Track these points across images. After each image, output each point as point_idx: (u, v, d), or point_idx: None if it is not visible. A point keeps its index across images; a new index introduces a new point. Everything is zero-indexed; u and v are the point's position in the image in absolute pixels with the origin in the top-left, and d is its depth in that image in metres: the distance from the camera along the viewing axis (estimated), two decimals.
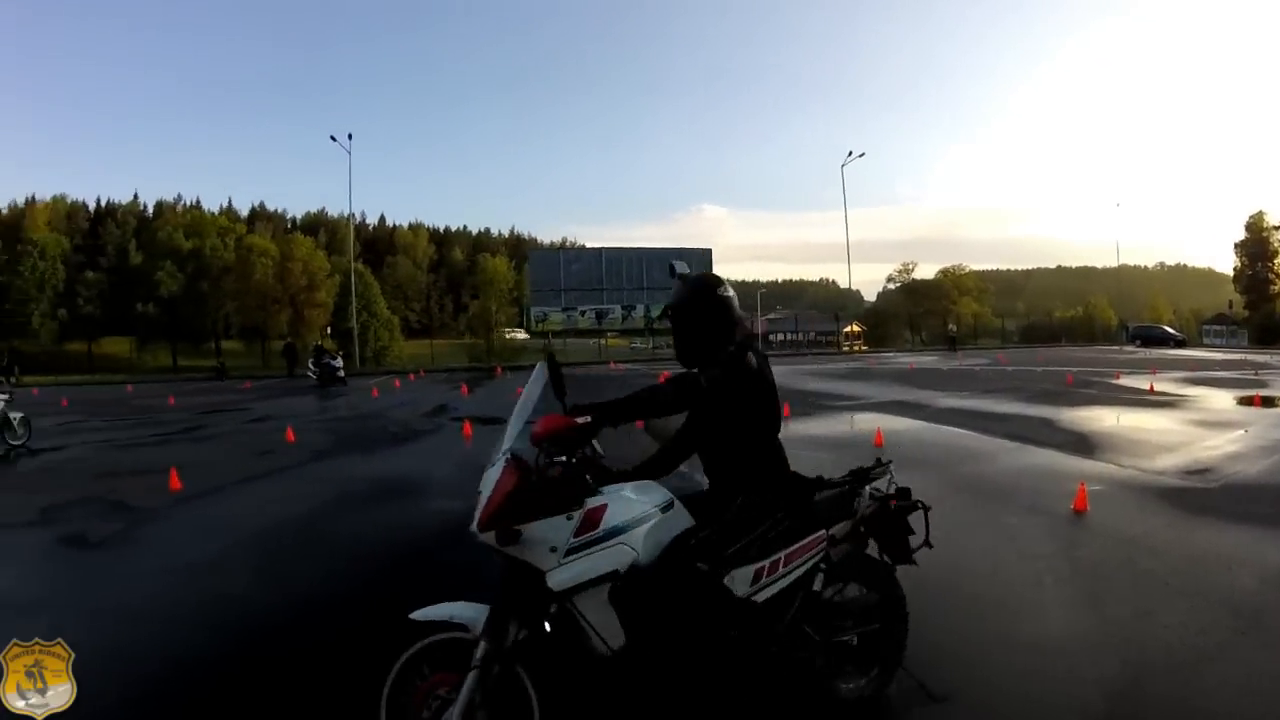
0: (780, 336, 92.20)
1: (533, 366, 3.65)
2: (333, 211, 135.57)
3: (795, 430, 12.98)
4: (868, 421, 13.73)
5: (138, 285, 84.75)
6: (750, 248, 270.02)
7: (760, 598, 3.13)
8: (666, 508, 3.13)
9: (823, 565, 3.30)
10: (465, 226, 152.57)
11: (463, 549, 6.38)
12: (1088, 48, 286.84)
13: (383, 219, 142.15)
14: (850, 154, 59.72)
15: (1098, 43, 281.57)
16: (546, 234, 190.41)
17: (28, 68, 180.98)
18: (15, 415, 14.53)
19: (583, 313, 51.75)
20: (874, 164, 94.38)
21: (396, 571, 6.15)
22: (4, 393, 14.67)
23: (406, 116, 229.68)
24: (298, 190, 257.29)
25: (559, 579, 2.82)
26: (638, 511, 3.04)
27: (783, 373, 28.74)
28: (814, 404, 16.61)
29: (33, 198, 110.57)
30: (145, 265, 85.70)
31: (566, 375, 3.33)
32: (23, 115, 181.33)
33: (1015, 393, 18.27)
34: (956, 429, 12.50)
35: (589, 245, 74.06)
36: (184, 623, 5.09)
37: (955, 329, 54.80)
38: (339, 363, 32.91)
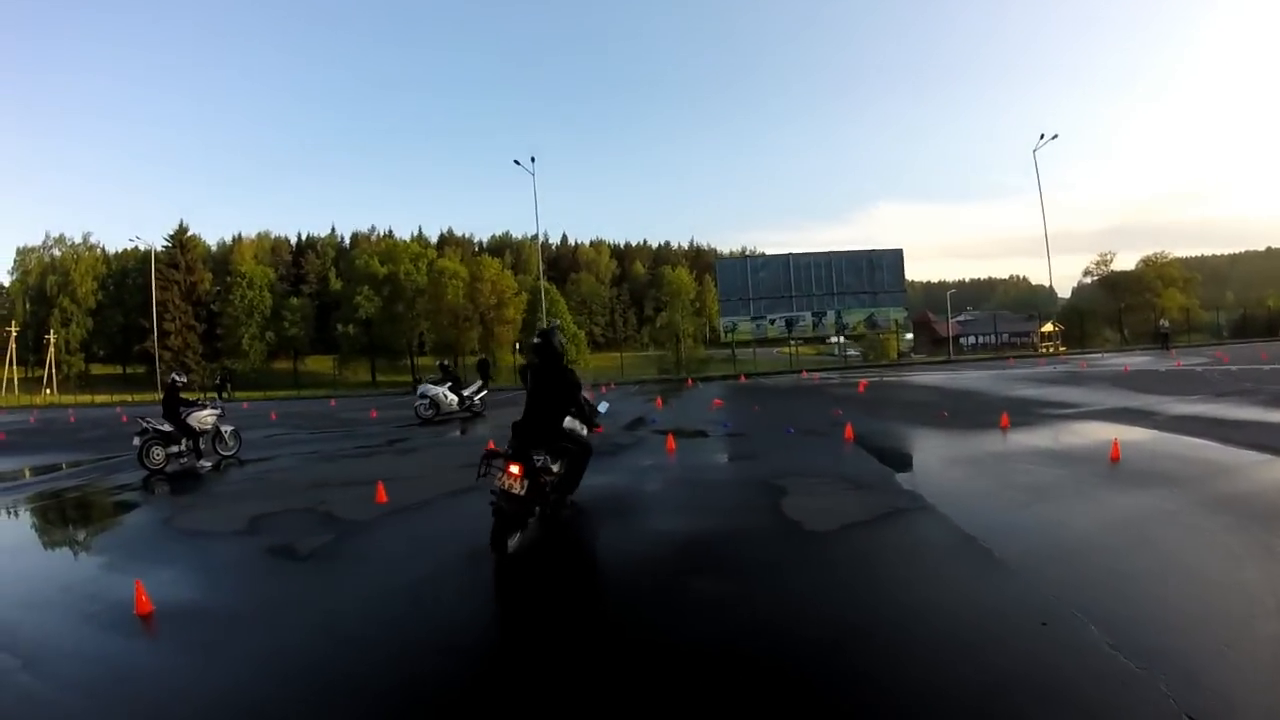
0: (972, 339, 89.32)
1: (724, 378, 5.57)
2: (517, 233, 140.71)
3: (1018, 443, 12.10)
4: (1097, 431, 12.45)
5: (338, 309, 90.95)
6: (934, 245, 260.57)
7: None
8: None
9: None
10: (645, 240, 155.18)
11: (704, 576, 6.04)
12: None
13: (564, 238, 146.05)
14: (1042, 137, 54.50)
15: None
16: (726, 243, 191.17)
17: (231, 117, 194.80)
18: (227, 428, 15.72)
19: (772, 321, 50.81)
20: (1057, 147, 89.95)
21: (617, 601, 5.66)
22: (216, 408, 15.64)
23: (583, 136, 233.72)
24: (483, 214, 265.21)
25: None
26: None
27: (987, 378, 27.54)
28: (1032, 412, 15.31)
29: (239, 235, 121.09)
30: (344, 290, 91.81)
31: (757, 384, 4.60)
32: (229, 160, 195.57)
33: (1248, 396, 16.48)
34: (1195, 439, 11.23)
35: (769, 252, 73.18)
36: (395, 644, 4.94)
37: (1168, 324, 50.72)
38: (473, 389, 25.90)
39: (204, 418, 15.19)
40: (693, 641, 4.73)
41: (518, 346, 70.94)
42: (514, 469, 6.80)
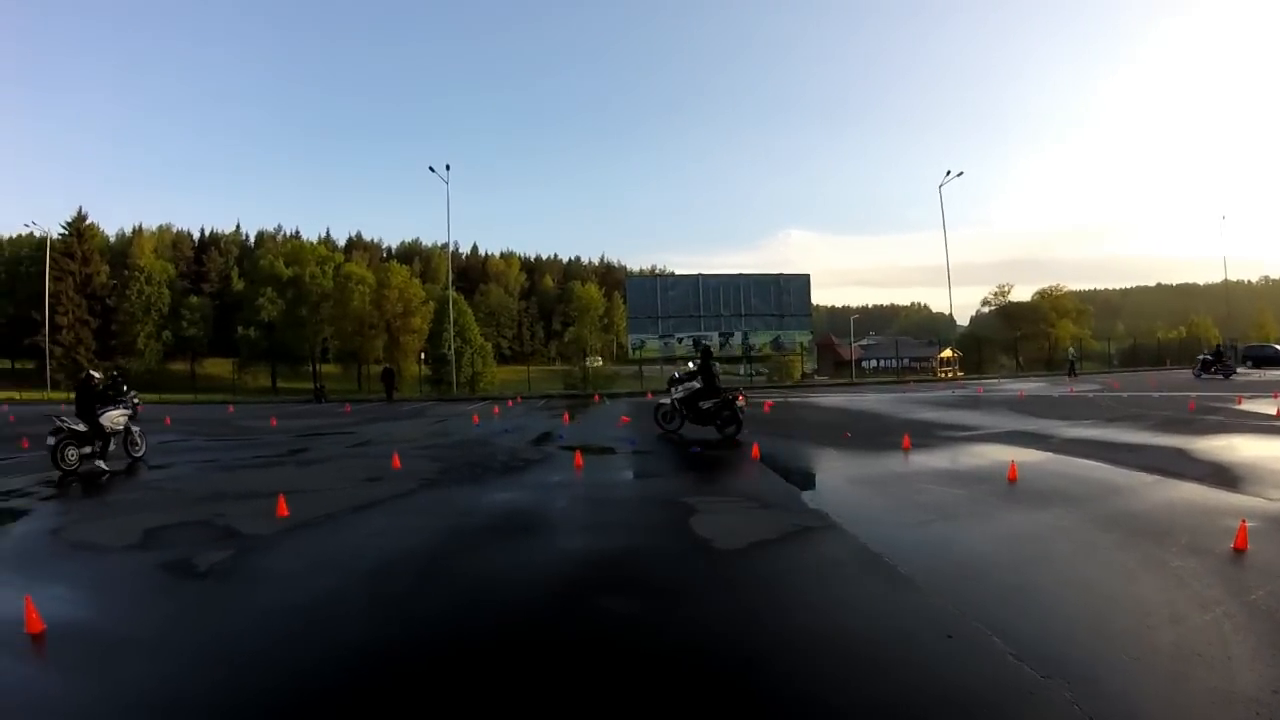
0: (874, 363, 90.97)
1: (631, 394, 10.12)
2: (427, 241, 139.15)
3: (920, 463, 12.45)
4: (994, 454, 12.98)
5: (239, 310, 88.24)
6: (840, 272, 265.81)
7: (703, 406, 16.76)
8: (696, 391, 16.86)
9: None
10: (556, 254, 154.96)
11: (614, 595, 6.00)
12: (1185, 51, 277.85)
13: (475, 248, 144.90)
14: (949, 173, 57.71)
15: (1195, 45, 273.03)
16: (636, 261, 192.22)
17: (137, 101, 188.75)
18: (136, 429, 15.38)
19: (680, 340, 50.89)
20: (961, 183, 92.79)
21: (521, 621, 5.48)
22: (128, 408, 15.26)
23: (496, 147, 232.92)
24: (393, 221, 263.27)
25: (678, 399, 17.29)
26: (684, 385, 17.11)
27: (889, 400, 28.21)
28: (933, 434, 16.07)
29: (140, 227, 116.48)
30: (247, 291, 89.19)
31: (663, 402, 17.92)
32: (131, 146, 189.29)
33: (1138, 421, 17.53)
34: (1087, 460, 11.83)
35: (678, 272, 73.55)
36: (298, 671, 4.72)
37: (1075, 353, 52.49)
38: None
39: (116, 418, 14.76)
40: (602, 663, 4.67)
41: (423, 356, 69.89)
42: (740, 399, 16.85)
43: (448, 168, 50.39)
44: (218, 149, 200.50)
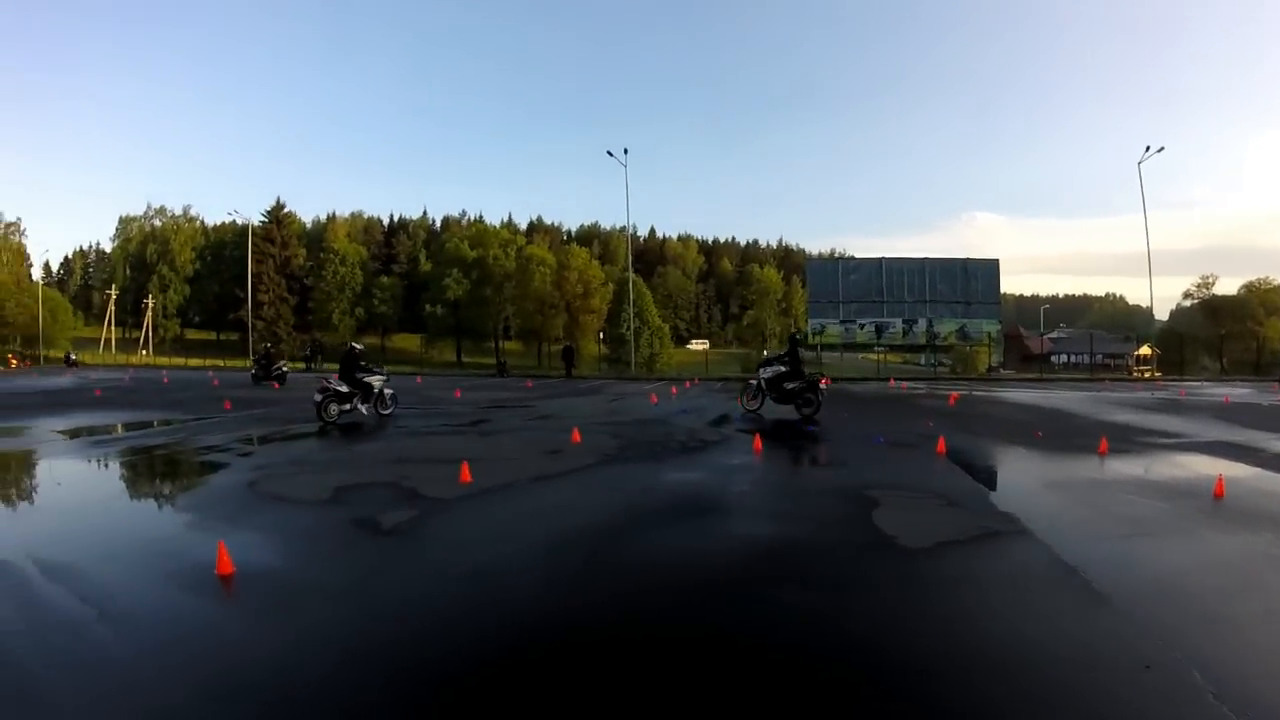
0: (1064, 358, 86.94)
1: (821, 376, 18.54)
2: (605, 224, 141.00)
3: (1117, 470, 11.44)
4: (1198, 465, 11.84)
5: (426, 289, 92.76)
6: (1028, 259, 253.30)
7: (788, 387, 18.41)
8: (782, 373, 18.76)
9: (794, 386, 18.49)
10: (733, 238, 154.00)
11: (790, 586, 5.82)
12: None
13: (653, 231, 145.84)
14: (1148, 149, 51.25)
15: None
16: (814, 244, 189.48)
17: (329, 100, 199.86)
18: (388, 392, 17.94)
19: (861, 326, 49.97)
20: (1161, 163, 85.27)
21: (691, 606, 5.39)
22: (383, 374, 17.83)
23: (674, 129, 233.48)
24: (573, 203, 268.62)
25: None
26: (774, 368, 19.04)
27: (1082, 399, 26.48)
28: (1131, 439, 14.86)
29: (334, 214, 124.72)
30: (434, 272, 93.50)
31: (842, 389, 27.29)
32: (324, 140, 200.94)
33: None
34: None
35: (857, 255, 72.00)
36: (468, 634, 4.84)
37: None
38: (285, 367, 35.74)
39: (373, 381, 17.73)
40: (770, 658, 4.52)
41: (602, 336, 71.42)
42: (824, 382, 18.84)
43: (625, 151, 50.87)
44: (405, 140, 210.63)
